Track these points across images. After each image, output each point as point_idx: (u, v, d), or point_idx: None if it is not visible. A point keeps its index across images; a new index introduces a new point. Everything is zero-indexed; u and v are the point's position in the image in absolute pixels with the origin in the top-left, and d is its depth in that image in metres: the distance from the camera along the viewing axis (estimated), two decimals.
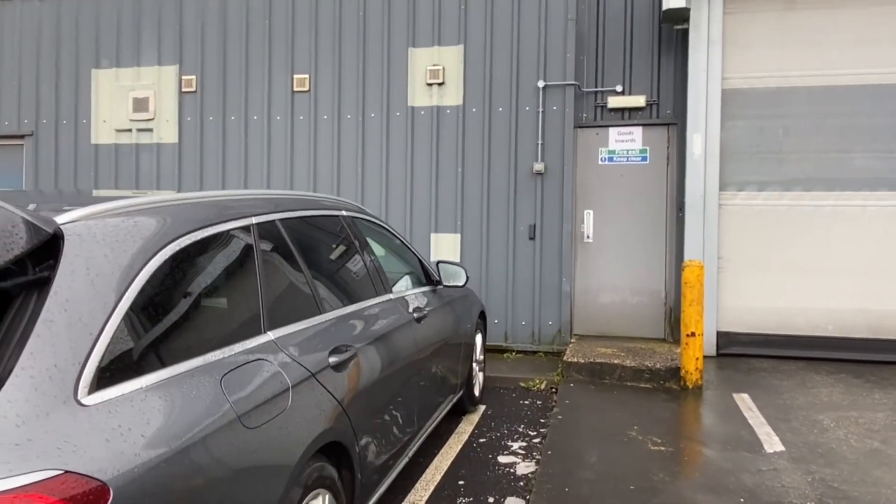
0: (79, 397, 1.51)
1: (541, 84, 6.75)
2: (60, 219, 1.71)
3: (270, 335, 2.23)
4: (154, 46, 7.98)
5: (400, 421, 3.12)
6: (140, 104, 7.97)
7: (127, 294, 1.73)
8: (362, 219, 3.49)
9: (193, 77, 7.84)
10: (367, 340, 2.81)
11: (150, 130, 7.99)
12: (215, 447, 1.76)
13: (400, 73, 7.20)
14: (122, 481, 1.47)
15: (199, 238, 2.06)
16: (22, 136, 8.46)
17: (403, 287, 3.79)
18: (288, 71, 7.56)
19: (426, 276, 4.13)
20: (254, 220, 2.41)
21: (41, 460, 1.36)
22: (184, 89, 7.86)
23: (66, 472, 1.38)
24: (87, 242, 1.72)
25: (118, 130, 8.08)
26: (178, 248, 1.96)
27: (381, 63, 7.25)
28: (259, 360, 2.10)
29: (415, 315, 3.49)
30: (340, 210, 3.23)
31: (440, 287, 4.17)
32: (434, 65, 7.04)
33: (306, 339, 2.41)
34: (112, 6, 8.13)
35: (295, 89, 7.53)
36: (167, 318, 1.86)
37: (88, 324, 1.60)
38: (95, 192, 2.99)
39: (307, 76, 7.49)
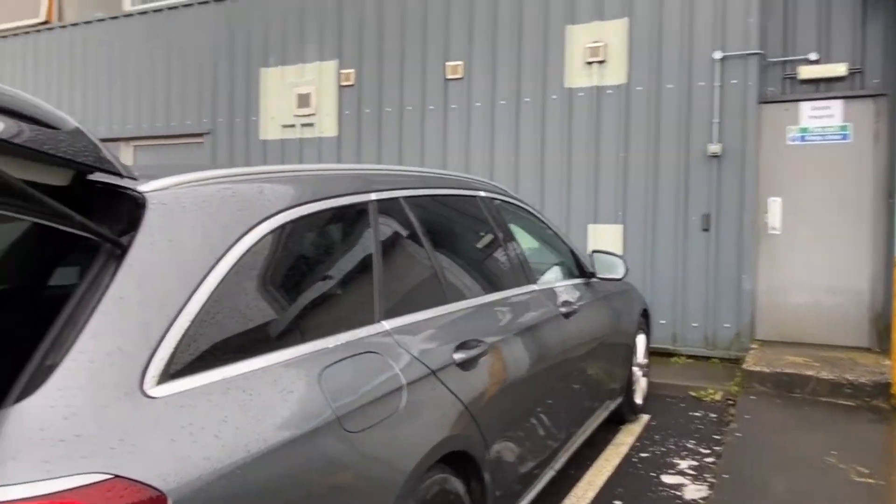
0: (145, 388, 1.29)
1: (717, 55, 5.98)
2: (146, 186, 1.52)
3: (384, 325, 1.94)
4: (316, 43, 8.17)
5: (543, 428, 2.73)
6: (303, 100, 8.20)
7: (214, 272, 1.50)
8: (504, 201, 3.13)
9: (352, 71, 7.91)
10: (502, 335, 2.45)
11: (312, 125, 8.19)
12: (306, 453, 1.49)
13: (556, 53, 6.74)
14: (185, 491, 1.23)
15: (305, 213, 1.81)
16: (202, 135, 9.06)
17: (551, 278, 3.38)
18: (441, 59, 7.38)
19: (579, 268, 3.68)
20: (373, 196, 2.13)
21: (89, 461, 1.15)
22: (343, 83, 7.97)
23: (117, 476, 1.16)
24: (173, 212, 1.52)
25: (284, 126, 8.38)
26: (279, 223, 1.72)
27: (536, 44, 6.84)
28: (368, 353, 1.81)
29: (563, 309, 3.07)
30: (478, 190, 2.89)
31: (595, 280, 3.71)
32: (594, 42, 6.50)
33: (428, 332, 2.10)
34: (278, 6, 8.44)
35: (448, 77, 7.34)
36: (260, 300, 1.62)
37: (165, 303, 1.39)
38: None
39: (461, 63, 7.27)
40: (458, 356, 2.12)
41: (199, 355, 1.41)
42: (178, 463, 1.25)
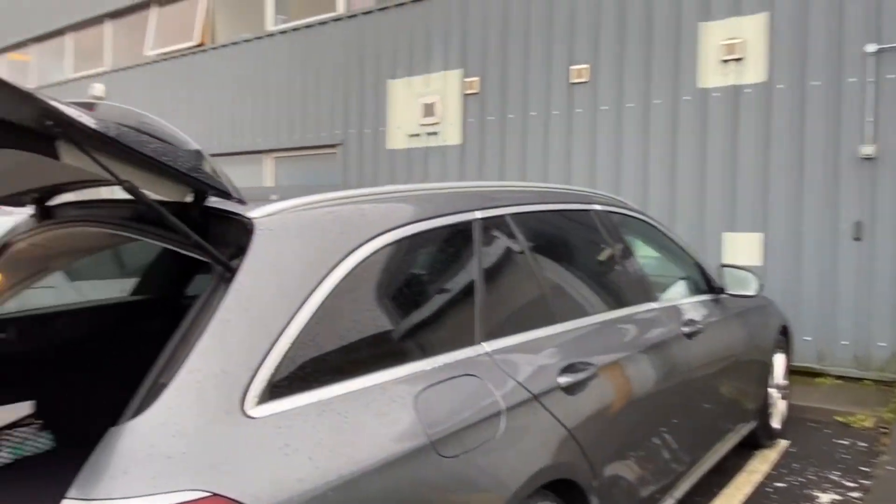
0: (246, 408, 1.35)
1: (871, 48, 5.43)
2: (255, 212, 1.60)
3: (484, 347, 1.91)
4: (441, 53, 8.31)
5: (661, 454, 2.59)
6: (428, 109, 8.36)
7: (315, 294, 1.55)
8: (622, 214, 3.01)
9: (476, 79, 7.96)
10: (613, 357, 2.35)
11: (437, 133, 8.33)
12: (399, 478, 1.50)
13: (688, 52, 6.41)
14: None
15: (405, 234, 1.83)
16: (334, 146, 9.48)
17: (674, 295, 3.20)
18: (566, 63, 7.25)
19: (707, 283, 3.47)
20: (477, 214, 2.12)
21: (190, 478, 1.22)
22: (467, 91, 8.04)
23: (215, 494, 1.22)
24: (279, 237, 1.59)
25: (410, 135, 8.59)
26: (379, 245, 1.74)
27: (667, 43, 6.55)
28: (466, 375, 1.79)
29: (685, 329, 2.90)
30: (592, 204, 2.79)
31: (724, 296, 3.47)
32: (730, 38, 6.12)
33: (531, 354, 2.05)
34: (405, 18, 8.67)
35: (573, 81, 7.19)
36: (359, 322, 1.65)
37: (268, 325, 1.45)
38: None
39: (586, 66, 7.10)
40: (563, 380, 2.05)
41: (298, 377, 1.46)
42: (273, 483, 1.29)
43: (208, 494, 1.21)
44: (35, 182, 1.98)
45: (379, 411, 1.55)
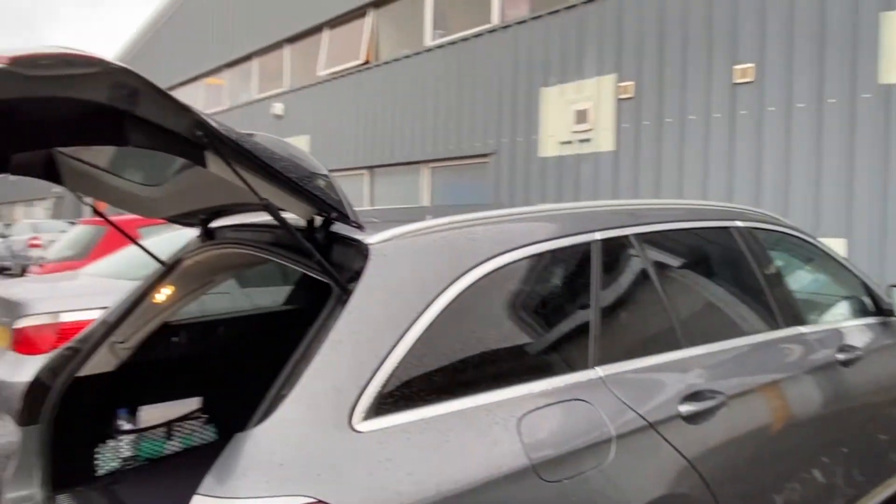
0: (353, 422, 1.47)
1: None
2: (371, 238, 1.73)
3: (598, 371, 1.90)
4: (595, 58, 8.19)
5: (804, 491, 2.40)
6: (580, 116, 8.26)
7: (423, 317, 1.64)
8: (769, 230, 2.81)
9: (631, 83, 7.76)
10: (748, 387, 2.21)
11: (589, 140, 8.22)
12: (497, 498, 1.54)
13: (868, 45, 5.81)
14: None
15: (516, 258, 1.87)
16: (487, 155, 9.66)
17: (830, 318, 2.94)
18: (728, 62, 6.85)
19: (874, 305, 3.14)
20: (597, 235, 2.10)
21: (299, 484, 1.35)
22: (621, 96, 7.85)
23: (319, 501, 1.34)
24: (391, 262, 1.70)
25: (561, 143, 8.55)
26: (489, 270, 1.80)
27: (843, 36, 5.98)
28: (575, 400, 1.79)
29: (841, 356, 2.66)
30: (733, 220, 2.64)
31: (894, 319, 3.12)
32: None
33: (650, 380, 2.00)
34: (559, 25, 8.64)
35: (736, 81, 6.78)
36: (465, 345, 1.72)
37: (377, 346, 1.57)
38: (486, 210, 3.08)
39: (751, 65, 6.67)
40: (686, 408, 1.97)
41: (403, 395, 1.55)
42: (373, 495, 1.40)
43: (314, 501, 1.34)
44: (202, 204, 2.26)
45: (481, 432, 1.60)
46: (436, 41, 10.82)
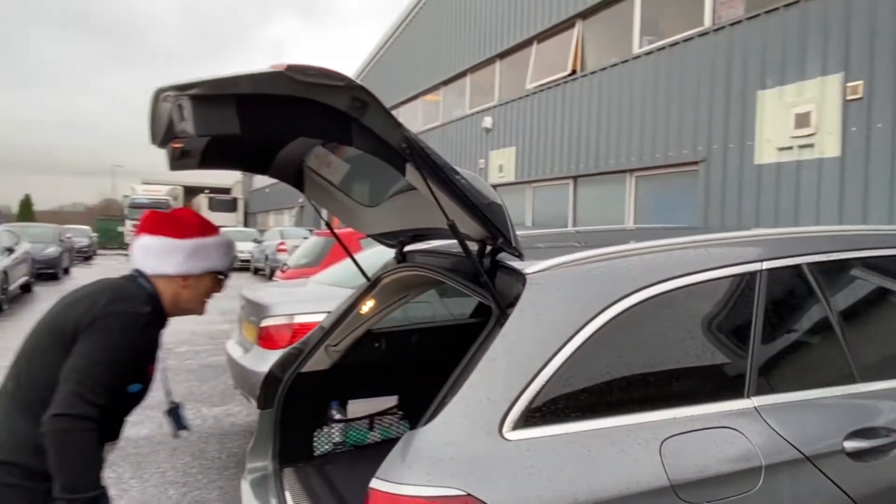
0: (503, 431, 1.70)
1: None
2: (530, 267, 1.94)
3: (752, 401, 1.92)
4: (818, 58, 7.55)
5: None
6: (801, 119, 7.66)
7: (571, 342, 1.82)
8: None
9: (860, 83, 7.05)
10: None
11: (811, 146, 7.58)
12: None
13: None
14: None
15: (672, 287, 1.96)
16: (696, 163, 9.29)
17: None
18: None
19: None
20: (764, 265, 2.11)
21: (453, 479, 1.61)
22: (848, 97, 7.16)
23: (469, 494, 1.59)
24: (545, 291, 1.90)
25: (779, 149, 7.98)
26: (641, 298, 1.92)
27: None
28: (723, 428, 1.85)
29: None
30: None
31: None
32: None
33: (813, 413, 1.97)
34: (778, 24, 8.08)
35: None
36: (613, 368, 1.86)
37: (526, 366, 1.78)
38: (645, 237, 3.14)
39: None
40: (851, 444, 1.92)
41: (549, 411, 1.75)
42: (515, 495, 1.61)
43: (463, 494, 1.59)
44: (402, 226, 2.64)
45: (622, 450, 1.74)
46: (644, 48, 10.63)
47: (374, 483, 1.66)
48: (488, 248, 2.12)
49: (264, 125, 1.65)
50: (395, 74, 22.58)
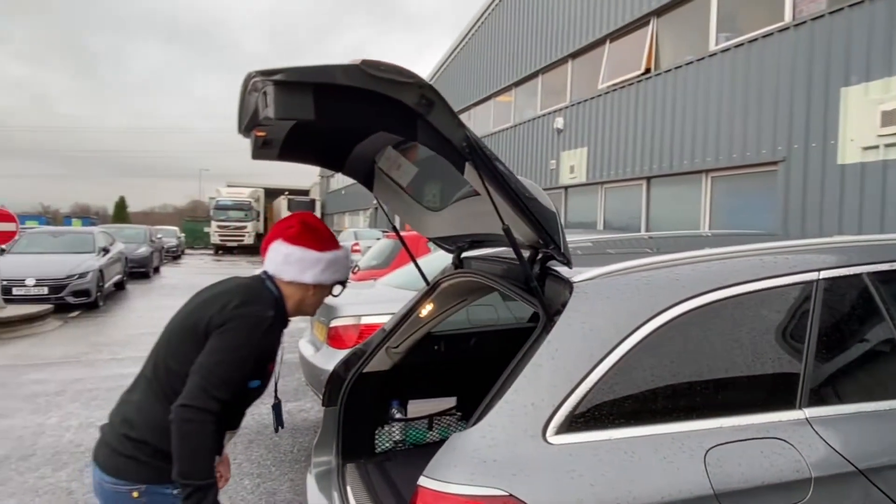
0: (546, 435, 1.76)
1: None
2: (578, 276, 1.99)
3: (803, 413, 1.90)
4: None
5: None
6: (888, 117, 7.28)
7: (616, 351, 1.85)
8: None
9: None
10: None
11: None
12: None
13: None
14: None
15: (722, 296, 1.97)
16: (776, 163, 8.97)
17: None
18: None
19: None
20: (821, 274, 2.08)
21: (496, 479, 1.68)
22: None
23: (511, 495, 1.66)
24: (591, 300, 1.94)
25: (864, 148, 7.61)
26: (691, 307, 1.93)
27: None
28: (772, 438, 1.84)
29: None
30: None
31: None
32: None
33: (868, 426, 1.93)
34: (863, 18, 7.72)
35: None
36: (658, 376, 1.88)
37: (571, 373, 1.83)
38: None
39: None
40: None
41: (593, 417, 1.79)
42: (557, 497, 1.66)
43: (506, 494, 1.65)
44: (461, 231, 2.73)
45: (665, 457, 1.76)
46: (720, 45, 10.33)
47: (422, 481, 1.75)
48: (539, 254, 2.17)
49: (336, 114, 1.74)
50: (468, 76, 22.70)
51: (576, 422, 1.78)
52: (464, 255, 2.84)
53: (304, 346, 5.44)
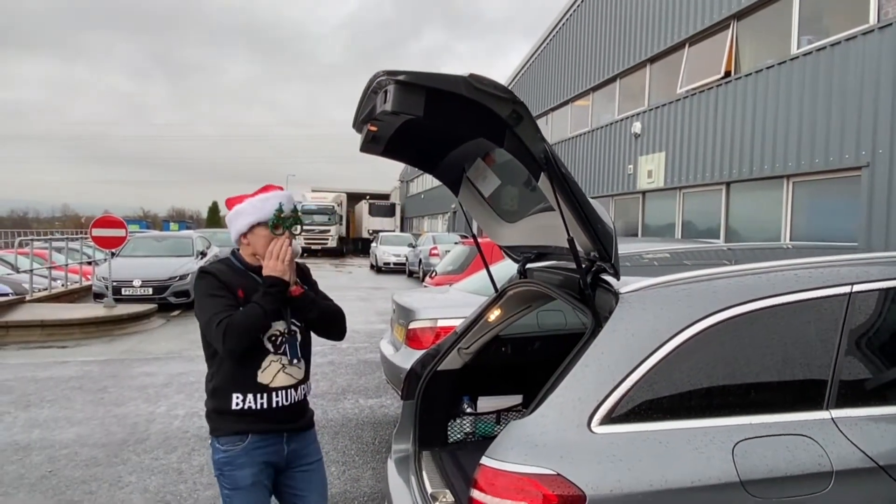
0: (591, 425, 2.04)
1: None
2: (624, 287, 2.26)
3: (829, 413, 2.10)
4: None
5: None
6: None
7: (655, 355, 2.11)
8: None
9: None
10: None
11: None
12: (700, 499, 1.95)
13: None
14: (598, 499, 1.92)
15: (757, 307, 2.19)
16: (859, 168, 8.76)
17: None
18: None
19: None
20: (854, 287, 2.27)
21: (545, 461, 1.98)
22: None
23: (558, 474, 1.95)
24: (634, 309, 2.21)
25: None
26: (726, 317, 2.16)
27: None
28: (799, 435, 2.05)
29: None
30: None
31: None
32: None
33: (893, 427, 2.11)
34: None
35: None
36: (693, 378, 2.13)
37: (613, 373, 2.10)
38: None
39: None
40: None
41: (633, 411, 2.06)
42: (598, 479, 1.94)
43: (554, 474, 1.95)
44: (530, 242, 3.03)
45: (696, 448, 2.01)
46: (803, 48, 10.14)
47: (484, 460, 2.07)
48: (593, 266, 2.45)
49: (439, 115, 2.06)
50: (545, 81, 22.83)
51: (617, 415, 2.05)
52: (528, 265, 3.14)
53: (384, 346, 5.86)
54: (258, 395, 2.62)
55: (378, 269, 24.79)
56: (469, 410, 3.49)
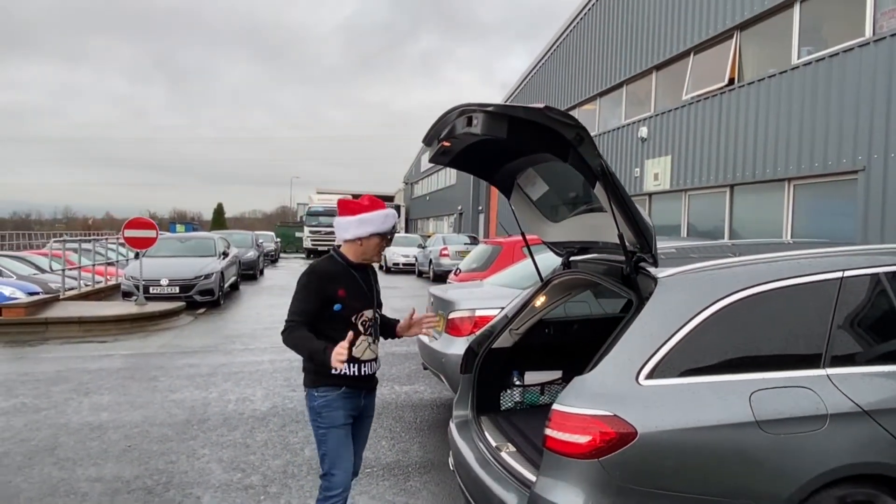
0: (638, 379, 2.62)
1: None
2: (661, 273, 2.85)
3: (825, 371, 2.69)
4: None
5: None
6: None
7: (687, 325, 2.69)
8: None
9: None
10: None
11: None
12: (728, 435, 2.52)
13: None
14: (646, 433, 2.50)
15: (769, 288, 2.77)
16: (855, 172, 9.34)
17: None
18: None
19: None
20: (845, 273, 2.85)
21: (606, 405, 2.56)
22: None
23: (615, 415, 2.53)
24: (671, 290, 2.79)
25: None
26: (745, 295, 2.74)
27: None
28: (801, 387, 2.63)
29: None
30: None
31: None
32: None
33: (876, 382, 2.68)
34: None
35: None
36: (717, 343, 2.70)
37: (654, 339, 2.68)
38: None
39: None
40: None
41: (670, 368, 2.64)
42: (645, 418, 2.52)
43: (612, 414, 2.52)
44: (573, 238, 3.62)
45: (720, 396, 2.59)
46: (803, 58, 10.73)
47: (555, 406, 2.65)
48: (634, 257, 3.03)
49: (518, 136, 2.64)
50: (552, 86, 23.42)
51: (658, 371, 2.63)
52: (571, 258, 3.72)
53: (421, 336, 6.43)
54: (351, 365, 3.21)
55: (387, 269, 25.39)
56: (518, 383, 4.06)
